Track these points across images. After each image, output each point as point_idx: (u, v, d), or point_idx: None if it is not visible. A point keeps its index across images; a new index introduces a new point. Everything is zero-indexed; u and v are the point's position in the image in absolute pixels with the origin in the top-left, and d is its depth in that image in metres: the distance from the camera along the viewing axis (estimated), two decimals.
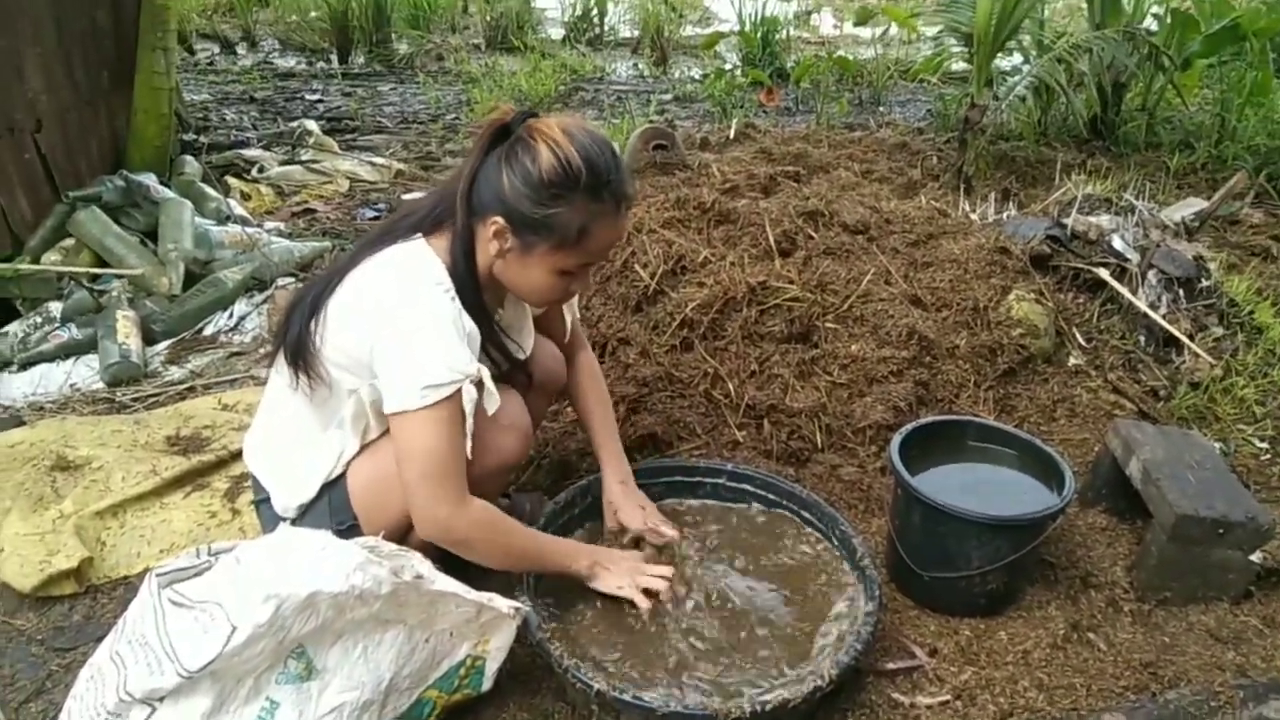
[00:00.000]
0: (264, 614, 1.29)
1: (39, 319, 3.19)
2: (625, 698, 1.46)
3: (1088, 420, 2.58)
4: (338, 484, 1.70)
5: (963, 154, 4.36)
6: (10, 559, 2.00)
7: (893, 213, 3.13)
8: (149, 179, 3.80)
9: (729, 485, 2.11)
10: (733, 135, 4.81)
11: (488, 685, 1.62)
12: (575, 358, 2.05)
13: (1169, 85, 4.95)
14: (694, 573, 1.87)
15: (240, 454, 1.89)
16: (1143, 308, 2.84)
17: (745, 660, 1.65)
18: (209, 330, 3.34)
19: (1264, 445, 2.52)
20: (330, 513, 1.70)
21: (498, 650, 1.60)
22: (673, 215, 2.89)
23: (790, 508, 2.04)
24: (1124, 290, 2.91)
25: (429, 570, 1.48)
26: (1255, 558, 1.89)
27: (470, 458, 1.57)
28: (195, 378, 2.98)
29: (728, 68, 7.59)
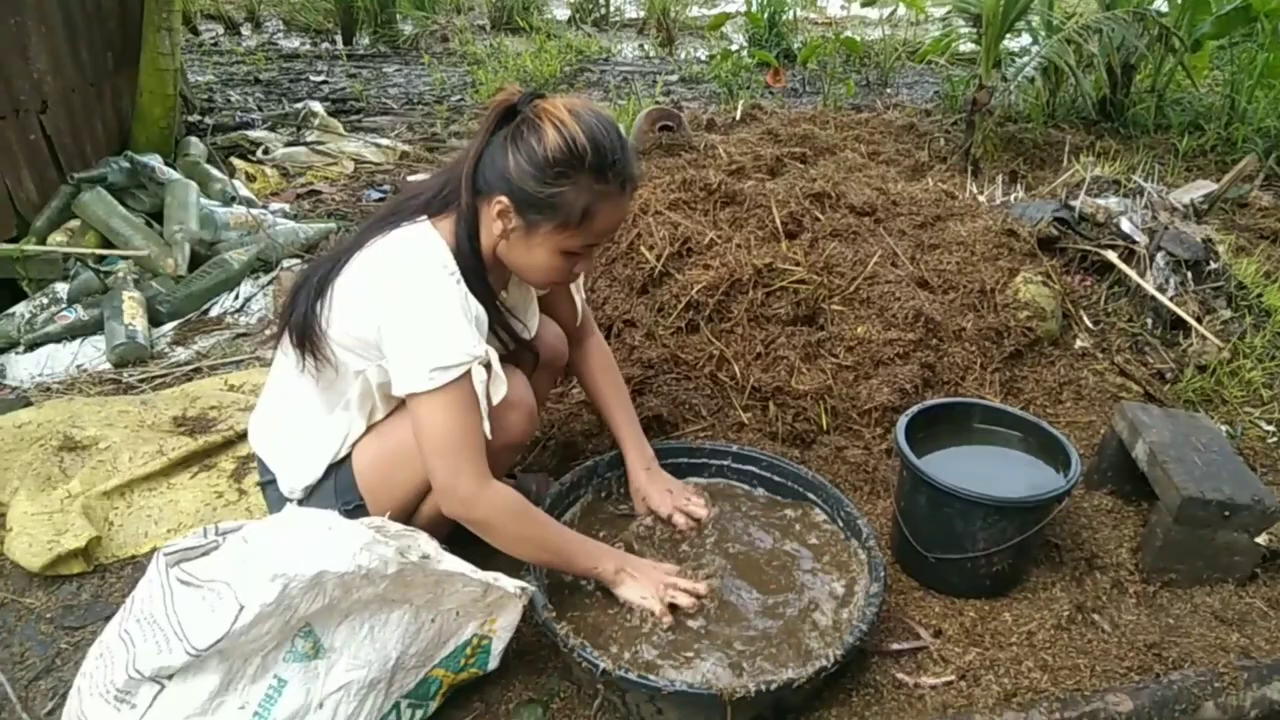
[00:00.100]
0: (271, 593, 1.30)
1: (45, 300, 3.20)
2: (630, 677, 1.47)
3: (1094, 403, 2.58)
4: (343, 465, 1.71)
5: (970, 136, 4.34)
6: (19, 538, 2.01)
7: (900, 195, 3.12)
8: (154, 160, 3.80)
9: (734, 467, 2.11)
10: (739, 116, 4.79)
11: (494, 664, 1.63)
12: (586, 344, 2.04)
13: (1179, 67, 4.92)
14: (700, 553, 1.87)
15: (246, 435, 1.89)
16: (1150, 290, 2.83)
17: (750, 640, 1.66)
18: (215, 311, 3.35)
19: (1271, 428, 2.52)
20: (336, 493, 1.70)
21: (504, 630, 1.61)
22: (679, 197, 2.88)
23: (795, 489, 2.04)
24: (1131, 273, 2.90)
25: (435, 550, 1.48)
26: (1261, 540, 1.89)
27: None
28: (201, 359, 2.99)
29: (734, 48, 7.56)
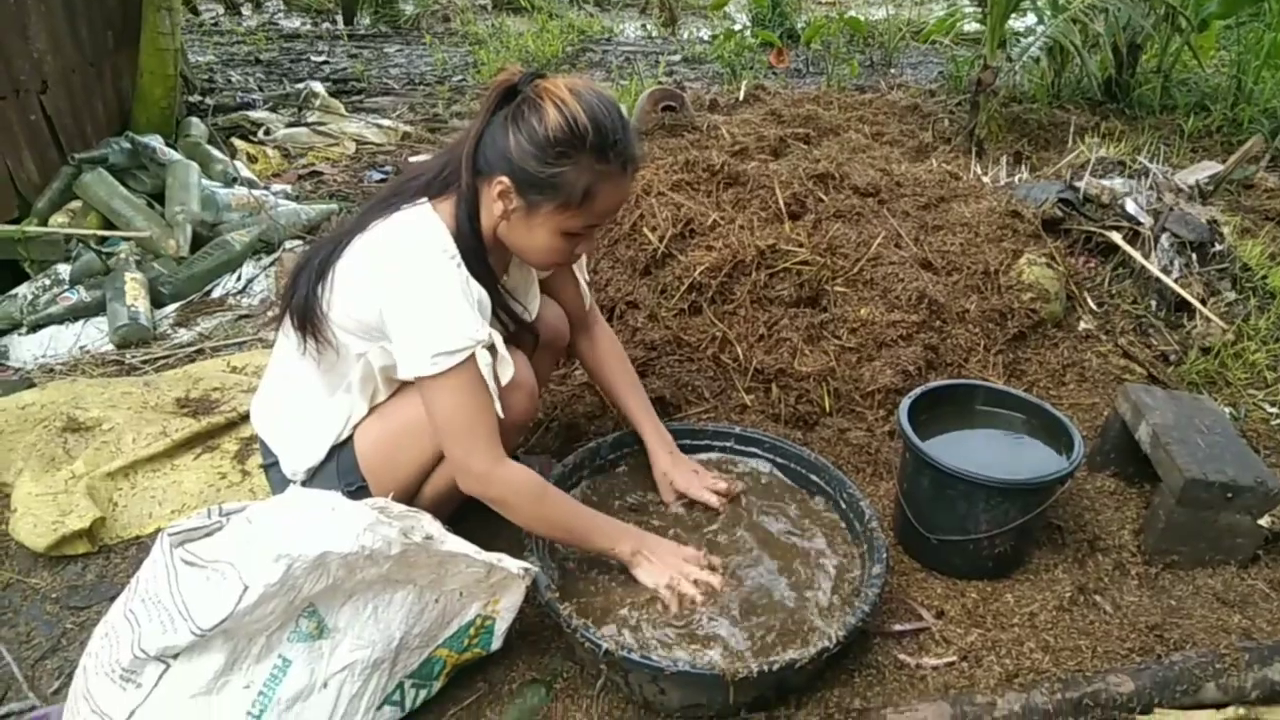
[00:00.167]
0: (275, 573, 1.30)
1: (47, 281, 3.20)
2: (633, 657, 1.47)
3: (1097, 385, 2.57)
4: (345, 446, 1.71)
5: (975, 116, 4.32)
6: (24, 519, 2.02)
7: (903, 176, 3.11)
8: (155, 141, 3.79)
9: (737, 448, 2.11)
10: (742, 97, 4.76)
11: (497, 645, 1.63)
12: (594, 331, 2.04)
13: (1185, 47, 4.88)
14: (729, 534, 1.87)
15: (249, 416, 1.90)
16: (1155, 272, 2.82)
17: (752, 621, 1.66)
18: (217, 293, 3.35)
19: (1274, 410, 2.51)
20: (339, 475, 1.71)
21: (507, 610, 1.61)
22: (681, 178, 2.86)
23: (798, 471, 2.04)
24: (1136, 254, 2.89)
25: (439, 531, 1.49)
26: (1264, 522, 1.89)
27: None
28: (204, 340, 2.99)
29: (737, 29, 7.51)
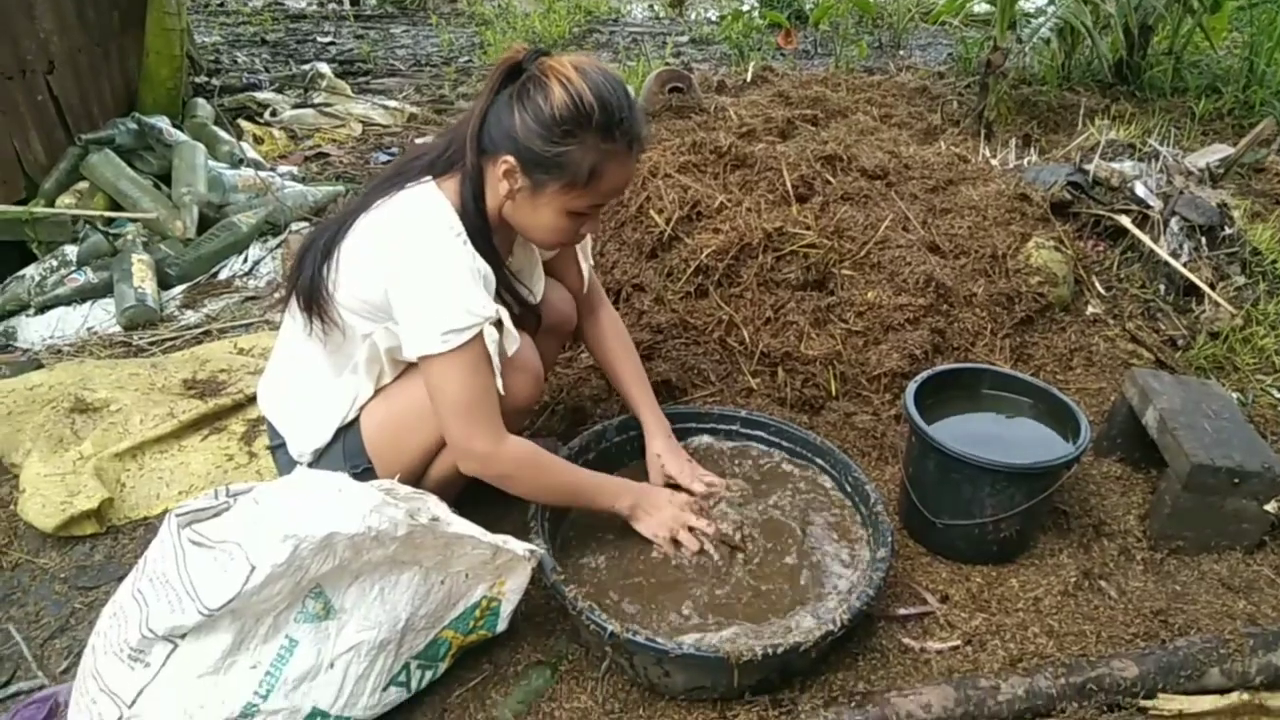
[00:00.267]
0: (282, 554, 1.30)
1: (55, 262, 3.20)
2: (639, 639, 1.48)
3: (1104, 369, 2.56)
4: (352, 428, 1.71)
5: (984, 98, 4.28)
6: (32, 499, 2.03)
7: (912, 158, 3.09)
8: (161, 122, 3.79)
9: (742, 432, 2.11)
10: (750, 78, 4.73)
11: (503, 626, 1.64)
12: (598, 313, 2.04)
13: (1197, 28, 4.83)
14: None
15: (256, 398, 1.90)
16: (1164, 256, 2.80)
17: (757, 604, 1.67)
18: (223, 274, 3.35)
19: None
20: (345, 456, 1.71)
21: (513, 592, 1.62)
22: (688, 159, 2.85)
23: (804, 455, 2.04)
24: (1145, 238, 2.87)
25: (445, 513, 1.49)
26: (1270, 508, 1.89)
27: None
28: (210, 322, 3.00)
29: (745, 9, 7.46)
